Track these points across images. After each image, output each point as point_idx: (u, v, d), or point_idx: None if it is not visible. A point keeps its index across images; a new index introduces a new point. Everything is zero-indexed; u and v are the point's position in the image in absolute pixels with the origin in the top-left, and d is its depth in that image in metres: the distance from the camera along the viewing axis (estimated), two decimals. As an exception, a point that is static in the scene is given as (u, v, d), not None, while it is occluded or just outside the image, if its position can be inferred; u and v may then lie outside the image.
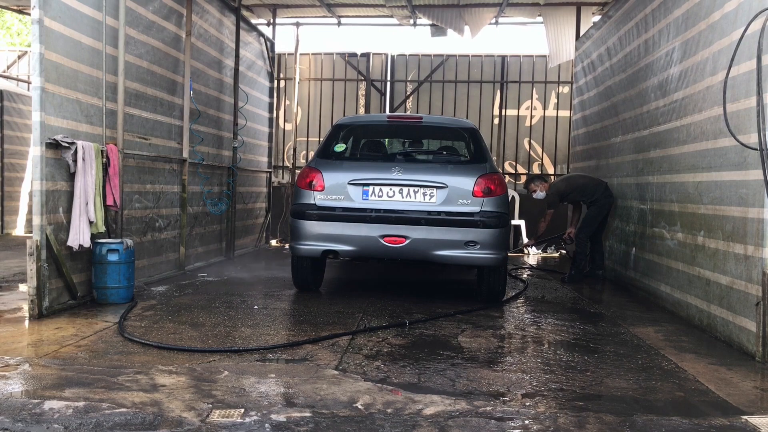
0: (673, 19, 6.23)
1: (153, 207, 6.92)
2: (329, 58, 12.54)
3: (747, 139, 4.45)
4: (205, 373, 3.81)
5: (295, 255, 6.25)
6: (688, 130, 5.75)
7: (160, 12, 6.95)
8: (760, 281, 4.36)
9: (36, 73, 4.98)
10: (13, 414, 3.09)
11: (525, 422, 3.19)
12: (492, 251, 5.87)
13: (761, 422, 3.25)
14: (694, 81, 5.64)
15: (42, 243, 5.05)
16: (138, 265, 6.24)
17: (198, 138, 7.94)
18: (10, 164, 11.34)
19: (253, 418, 3.12)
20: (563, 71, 12.16)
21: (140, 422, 3.03)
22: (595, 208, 7.83)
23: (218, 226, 9.00)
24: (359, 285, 7.48)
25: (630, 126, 7.55)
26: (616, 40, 8.23)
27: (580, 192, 7.94)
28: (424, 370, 4.02)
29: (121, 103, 5.97)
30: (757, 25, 4.31)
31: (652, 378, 4.01)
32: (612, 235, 8.13)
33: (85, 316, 5.22)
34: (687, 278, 5.66)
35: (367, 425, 3.08)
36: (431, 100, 12.41)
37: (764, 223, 4.35)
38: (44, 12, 4.98)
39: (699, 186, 5.43)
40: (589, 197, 7.87)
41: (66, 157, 5.24)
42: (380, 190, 5.93)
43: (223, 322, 5.18)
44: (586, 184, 7.98)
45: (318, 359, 4.18)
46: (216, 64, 8.71)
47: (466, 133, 6.79)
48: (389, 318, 5.45)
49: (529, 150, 12.36)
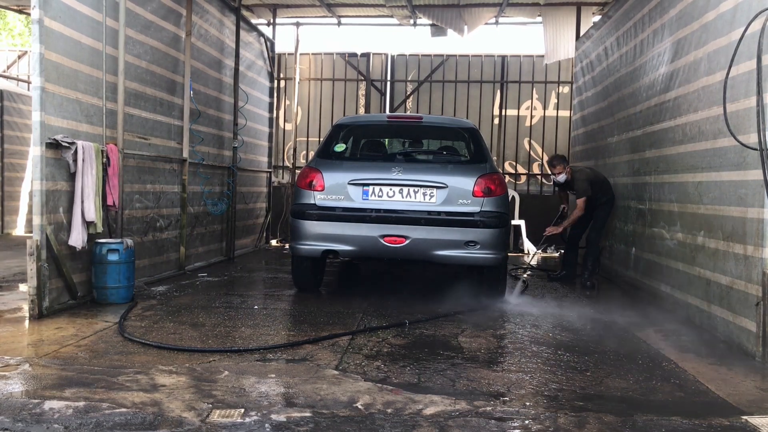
0: (668, 20, 6.24)
1: (153, 207, 6.92)
2: (329, 58, 12.55)
3: (746, 139, 4.45)
4: (205, 373, 3.81)
5: (295, 255, 6.25)
6: (684, 129, 5.75)
7: (159, 12, 6.95)
8: (760, 281, 4.36)
9: (36, 73, 4.98)
10: (13, 414, 3.09)
11: (525, 422, 3.19)
12: (492, 251, 5.88)
13: (761, 422, 3.25)
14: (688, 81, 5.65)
15: (42, 243, 5.05)
16: (138, 265, 6.24)
17: (198, 138, 7.94)
18: (10, 164, 11.34)
19: (253, 418, 3.12)
20: (563, 71, 12.16)
21: (140, 422, 3.04)
22: (608, 207, 7.60)
23: (218, 226, 9.00)
24: (359, 285, 7.48)
25: (624, 126, 7.56)
26: (615, 40, 8.23)
27: (600, 186, 7.59)
28: (424, 370, 4.02)
29: (121, 103, 5.97)
30: (757, 25, 4.31)
31: (652, 378, 4.01)
32: (612, 235, 8.13)
33: (85, 316, 5.23)
34: (687, 278, 5.66)
35: (367, 425, 3.08)
36: (431, 100, 12.41)
37: (764, 223, 4.35)
38: (44, 12, 4.98)
39: (699, 186, 5.43)
40: (605, 195, 7.60)
41: (66, 157, 5.24)
42: (380, 190, 5.93)
43: (223, 322, 5.18)
44: (605, 180, 7.69)
45: (318, 359, 4.18)
46: (216, 64, 8.70)
47: (466, 133, 6.79)
48: (389, 318, 5.45)
49: (529, 150, 12.36)
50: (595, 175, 7.66)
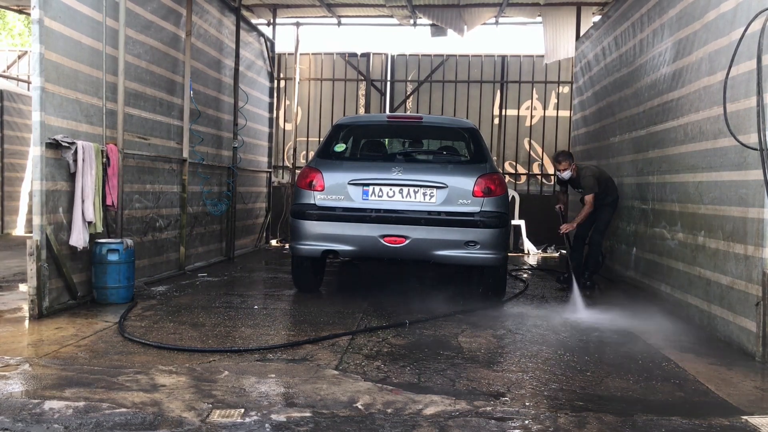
0: (668, 19, 6.24)
1: (153, 207, 6.92)
2: (329, 58, 12.54)
3: (747, 139, 4.45)
4: (205, 373, 3.81)
5: (295, 255, 6.25)
6: (685, 129, 5.75)
7: (159, 12, 6.95)
8: (760, 281, 4.36)
9: (36, 73, 4.98)
10: (13, 414, 3.09)
11: (525, 422, 3.19)
12: (492, 251, 5.87)
13: (761, 422, 3.25)
14: (689, 81, 5.64)
15: (42, 243, 5.05)
16: (138, 265, 6.24)
17: (198, 138, 7.94)
18: (10, 164, 11.34)
19: (253, 418, 3.12)
20: (563, 71, 12.16)
21: (140, 422, 3.03)
22: (612, 208, 7.35)
23: (218, 226, 9.00)
24: (359, 285, 7.48)
25: (627, 126, 7.55)
26: (615, 40, 8.23)
27: (605, 185, 7.29)
28: (424, 370, 4.02)
29: (121, 103, 5.97)
30: (757, 25, 4.31)
31: (652, 378, 4.00)
32: (613, 235, 8.12)
33: (85, 316, 5.22)
34: (687, 278, 5.66)
35: (367, 425, 3.08)
36: (431, 100, 12.41)
37: (764, 223, 4.35)
38: (44, 12, 4.98)
39: (699, 186, 5.43)
40: (611, 195, 7.32)
41: (66, 157, 5.24)
42: (380, 190, 5.93)
43: (223, 322, 5.18)
44: (610, 179, 7.42)
45: (318, 359, 4.18)
46: (216, 64, 8.70)
47: (466, 133, 6.79)
48: (389, 318, 5.45)
49: (529, 150, 12.36)
50: (601, 173, 7.44)
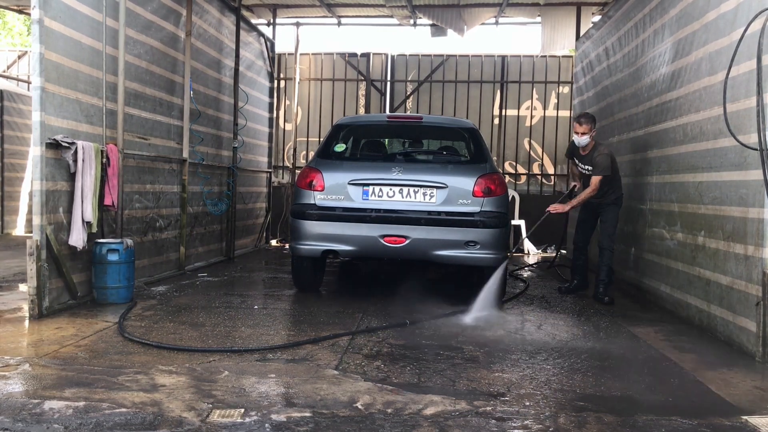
0: (668, 19, 6.24)
1: (153, 207, 6.92)
2: (329, 58, 12.54)
3: (747, 139, 4.45)
4: (205, 373, 3.81)
5: (295, 255, 6.25)
6: (685, 129, 5.75)
7: (159, 12, 6.95)
8: (760, 281, 4.36)
9: (36, 73, 4.98)
10: (13, 414, 3.09)
11: (525, 422, 3.19)
12: (492, 251, 5.87)
13: (761, 422, 3.25)
14: (689, 81, 5.64)
15: (42, 243, 5.05)
16: (138, 265, 6.24)
17: (198, 138, 7.94)
18: (10, 164, 11.34)
19: (253, 418, 3.12)
20: (563, 71, 12.15)
21: (140, 422, 3.03)
22: (617, 208, 6.69)
23: (218, 226, 9.00)
24: (359, 285, 7.48)
25: (626, 126, 7.55)
26: (615, 40, 8.23)
27: (612, 178, 6.58)
28: (424, 370, 4.02)
29: (121, 103, 5.96)
30: (757, 25, 4.31)
31: (652, 378, 4.00)
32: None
33: (85, 315, 5.22)
34: (687, 278, 5.65)
35: (367, 425, 3.08)
36: (431, 100, 12.40)
37: (764, 223, 4.35)
38: (44, 12, 4.98)
39: (699, 186, 5.42)
40: (615, 192, 6.67)
41: (66, 157, 5.24)
42: (380, 190, 5.93)
43: (223, 322, 5.18)
44: (617, 172, 6.71)
45: (318, 359, 4.18)
46: (216, 64, 8.70)
47: (466, 133, 6.79)
48: (389, 318, 5.45)
49: (529, 150, 12.35)
50: (614, 161, 6.64)
